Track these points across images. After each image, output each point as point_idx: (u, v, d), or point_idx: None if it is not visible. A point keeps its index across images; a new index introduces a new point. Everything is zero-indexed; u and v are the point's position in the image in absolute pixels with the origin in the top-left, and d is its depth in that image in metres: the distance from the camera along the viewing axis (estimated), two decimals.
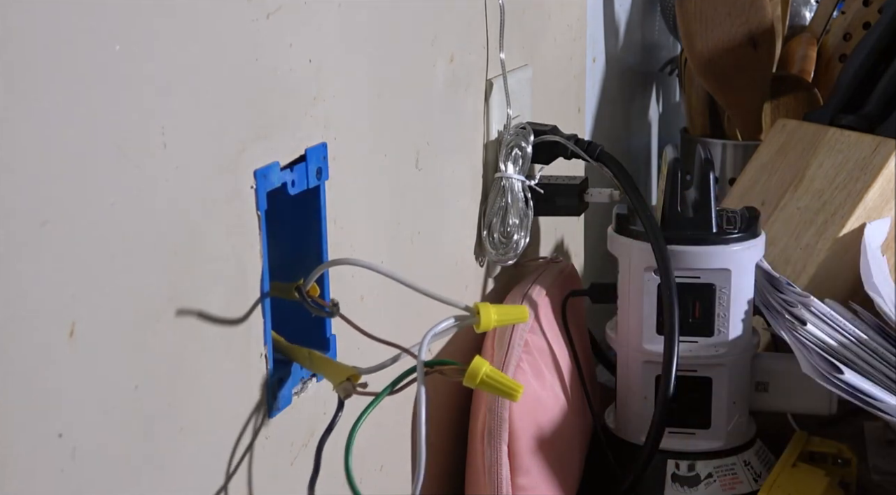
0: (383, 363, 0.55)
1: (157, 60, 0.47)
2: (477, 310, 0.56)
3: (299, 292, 0.57)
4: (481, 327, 0.56)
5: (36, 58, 0.40)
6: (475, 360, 0.54)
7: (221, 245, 0.53)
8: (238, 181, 0.53)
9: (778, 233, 1.00)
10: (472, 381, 0.54)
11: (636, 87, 1.44)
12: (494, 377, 0.54)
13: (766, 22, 1.21)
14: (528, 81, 0.95)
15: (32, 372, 0.41)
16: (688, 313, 0.84)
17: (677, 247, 0.83)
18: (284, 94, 0.57)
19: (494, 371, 0.54)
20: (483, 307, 0.56)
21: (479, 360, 0.54)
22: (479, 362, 0.54)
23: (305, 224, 0.61)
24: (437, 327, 0.55)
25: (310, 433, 0.62)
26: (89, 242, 0.43)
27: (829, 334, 0.84)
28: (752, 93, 1.25)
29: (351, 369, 0.56)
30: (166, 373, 0.49)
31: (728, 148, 1.31)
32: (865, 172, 0.98)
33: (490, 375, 0.54)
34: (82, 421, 0.44)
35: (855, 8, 1.26)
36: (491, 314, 0.56)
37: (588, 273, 1.22)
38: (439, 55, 0.77)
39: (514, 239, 0.86)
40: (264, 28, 0.54)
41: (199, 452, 0.52)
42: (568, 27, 1.09)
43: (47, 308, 0.42)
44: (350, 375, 0.55)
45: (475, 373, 0.54)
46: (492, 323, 0.56)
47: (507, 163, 0.86)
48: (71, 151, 0.42)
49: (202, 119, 0.50)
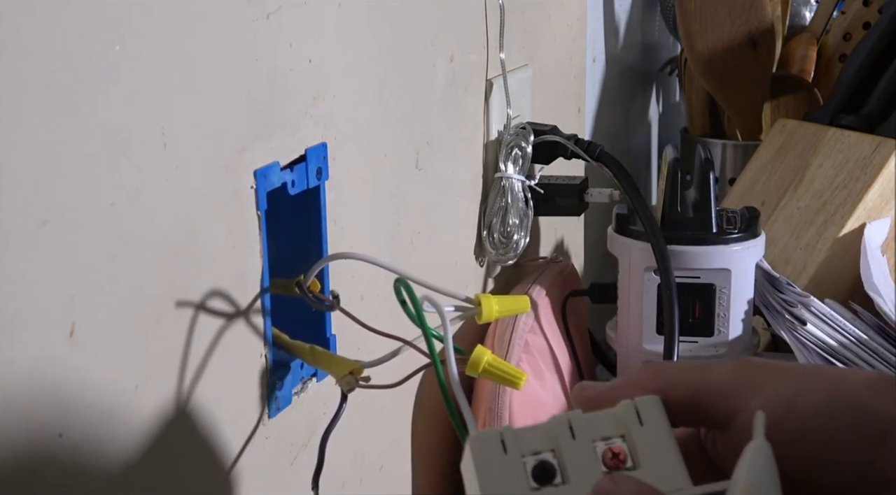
0: (385, 356, 0.55)
1: (156, 60, 0.47)
2: (478, 300, 0.56)
3: (299, 287, 0.57)
4: (483, 318, 0.56)
5: (36, 58, 0.40)
6: (477, 349, 0.54)
7: (221, 245, 0.53)
8: (238, 181, 0.53)
9: (778, 233, 1.00)
10: (475, 370, 0.54)
11: (636, 87, 1.44)
12: (497, 365, 0.54)
13: (766, 22, 1.21)
14: (528, 81, 0.95)
15: (32, 372, 0.41)
16: (688, 313, 0.84)
17: (677, 247, 0.83)
18: (284, 94, 0.57)
19: (497, 359, 0.54)
20: (485, 298, 0.56)
21: (482, 349, 0.54)
22: (482, 350, 0.54)
23: (305, 224, 0.61)
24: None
25: (310, 433, 0.62)
26: (89, 242, 0.43)
27: (829, 334, 0.84)
28: (752, 93, 1.25)
29: (353, 363, 0.55)
30: (166, 373, 0.49)
31: (728, 148, 1.31)
32: (865, 172, 0.98)
33: (492, 364, 0.54)
34: (82, 421, 0.44)
35: (855, 8, 1.26)
36: (492, 305, 0.56)
37: (588, 273, 1.22)
38: (439, 55, 0.77)
39: (514, 239, 0.86)
40: (264, 28, 0.54)
41: (199, 452, 0.52)
42: (568, 27, 1.09)
43: (47, 308, 0.42)
44: (353, 369, 0.55)
45: (477, 362, 0.54)
46: (493, 313, 0.56)
47: (507, 163, 0.86)
48: (71, 151, 0.42)
49: (202, 119, 0.50)
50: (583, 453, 0.38)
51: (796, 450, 0.37)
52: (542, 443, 0.39)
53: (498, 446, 0.38)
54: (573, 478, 0.38)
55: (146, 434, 0.48)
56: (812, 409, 0.37)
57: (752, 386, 0.39)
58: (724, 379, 0.39)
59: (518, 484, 0.38)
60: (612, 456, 0.38)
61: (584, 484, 0.38)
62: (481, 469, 0.38)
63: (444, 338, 0.48)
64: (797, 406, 0.37)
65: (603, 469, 0.38)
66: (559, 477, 0.38)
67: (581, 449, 0.39)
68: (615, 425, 0.39)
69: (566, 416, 0.39)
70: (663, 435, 0.39)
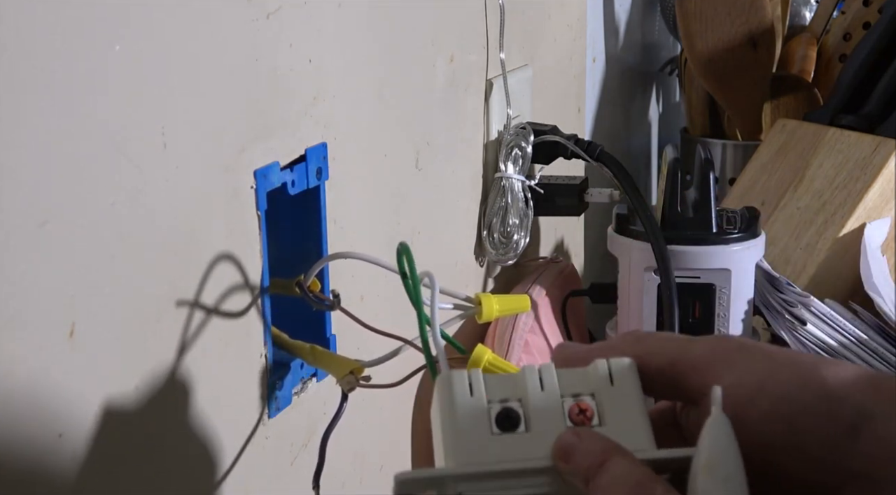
0: (386, 355, 0.55)
1: (156, 60, 0.47)
2: (479, 300, 0.56)
3: (300, 286, 0.57)
4: (483, 317, 0.56)
5: (36, 58, 0.40)
6: (478, 348, 0.54)
7: (221, 245, 0.53)
8: (238, 181, 0.53)
9: (778, 233, 1.00)
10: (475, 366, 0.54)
11: (636, 87, 1.44)
12: (497, 364, 0.54)
13: (766, 22, 1.21)
14: (528, 81, 0.95)
15: (32, 372, 0.41)
16: (688, 313, 0.83)
17: (677, 247, 0.83)
18: (284, 94, 0.57)
19: (497, 358, 0.55)
20: (485, 297, 0.56)
21: (482, 348, 0.55)
22: (482, 350, 0.54)
23: (305, 224, 0.61)
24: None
25: (310, 433, 0.62)
26: (89, 242, 0.43)
27: (829, 334, 0.84)
28: (752, 93, 1.25)
29: (354, 362, 0.55)
30: (166, 373, 0.49)
31: (728, 148, 1.31)
32: (865, 172, 0.98)
33: (493, 363, 0.54)
34: (82, 421, 0.44)
35: (855, 8, 1.26)
36: (493, 304, 0.56)
37: (588, 273, 1.22)
38: (439, 55, 0.77)
39: (514, 239, 0.86)
40: (264, 28, 0.54)
41: (199, 452, 0.52)
42: (568, 27, 1.09)
43: (47, 308, 0.42)
44: (353, 368, 0.55)
45: (478, 361, 0.54)
46: (494, 312, 0.56)
47: (507, 163, 0.86)
48: (71, 151, 0.42)
49: (202, 119, 0.50)
50: (550, 406, 0.38)
51: (765, 431, 0.37)
52: (509, 392, 0.39)
53: (465, 388, 0.38)
54: (536, 429, 0.38)
55: (146, 434, 0.48)
56: (782, 392, 0.37)
57: (727, 364, 0.38)
58: (700, 354, 0.39)
59: (480, 428, 0.38)
60: (578, 411, 0.38)
61: (546, 436, 0.37)
62: (445, 409, 0.38)
63: (432, 322, 0.48)
64: (767, 387, 0.37)
65: (568, 423, 0.38)
66: (523, 425, 0.38)
67: (548, 401, 0.39)
68: (586, 383, 0.39)
69: (537, 367, 0.39)
70: (633, 397, 0.39)
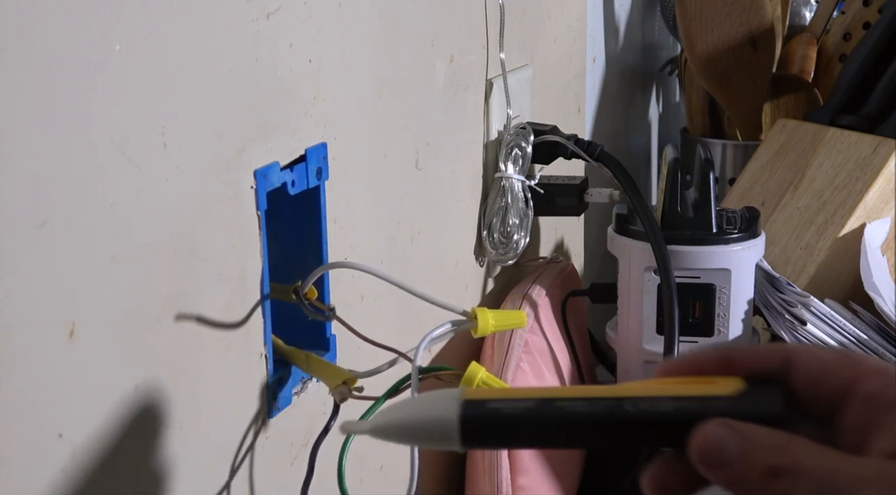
0: (380, 367, 0.55)
1: (156, 60, 0.47)
2: (474, 314, 0.56)
3: (297, 295, 0.57)
4: (479, 332, 0.56)
5: (36, 58, 0.40)
6: (471, 366, 0.54)
7: (221, 245, 0.53)
8: (238, 181, 0.53)
9: (778, 233, 1.00)
10: (469, 387, 0.54)
11: (636, 87, 1.44)
12: (490, 383, 0.54)
13: (766, 22, 1.21)
14: (528, 81, 0.95)
15: (32, 372, 0.41)
16: (688, 313, 0.84)
17: (677, 247, 0.83)
18: (284, 94, 0.57)
19: (490, 377, 0.54)
20: (481, 312, 0.56)
21: (475, 366, 0.54)
22: (475, 368, 0.54)
23: (305, 224, 0.61)
24: (433, 332, 0.55)
25: (310, 433, 0.62)
26: (89, 242, 0.43)
27: (829, 334, 0.84)
28: (752, 93, 1.25)
29: (347, 373, 0.55)
30: (166, 374, 0.49)
31: (728, 148, 1.31)
32: (865, 172, 0.98)
33: (486, 381, 0.54)
34: (82, 421, 0.44)
35: (855, 8, 1.26)
36: (488, 319, 0.56)
37: (588, 273, 1.22)
38: (439, 55, 0.77)
39: (514, 239, 0.86)
40: (264, 28, 0.54)
41: (199, 452, 0.52)
42: (568, 27, 1.09)
43: (47, 308, 0.42)
44: (346, 379, 0.55)
45: (471, 379, 0.54)
46: (489, 328, 0.56)
47: (507, 163, 0.86)
48: (71, 151, 0.42)
49: (202, 119, 0.50)
50: None
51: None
52: None
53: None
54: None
55: (146, 434, 0.48)
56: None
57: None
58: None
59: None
60: None
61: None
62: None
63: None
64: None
65: None
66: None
67: None
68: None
69: None
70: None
